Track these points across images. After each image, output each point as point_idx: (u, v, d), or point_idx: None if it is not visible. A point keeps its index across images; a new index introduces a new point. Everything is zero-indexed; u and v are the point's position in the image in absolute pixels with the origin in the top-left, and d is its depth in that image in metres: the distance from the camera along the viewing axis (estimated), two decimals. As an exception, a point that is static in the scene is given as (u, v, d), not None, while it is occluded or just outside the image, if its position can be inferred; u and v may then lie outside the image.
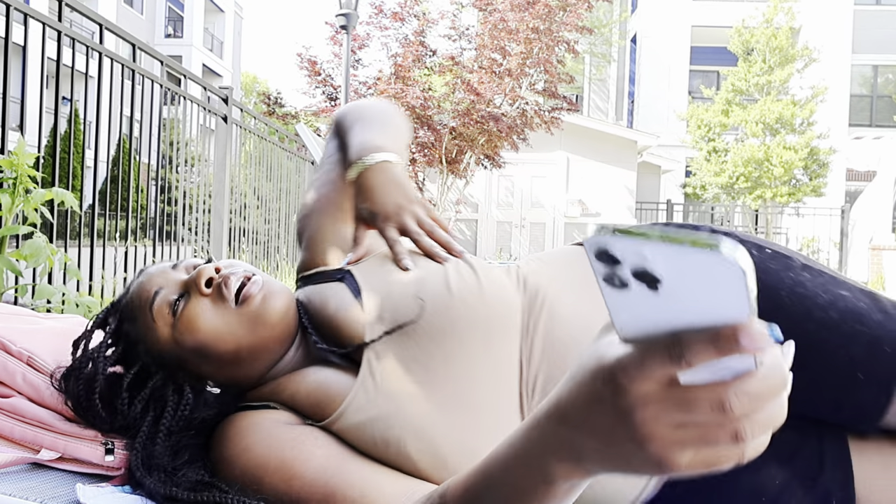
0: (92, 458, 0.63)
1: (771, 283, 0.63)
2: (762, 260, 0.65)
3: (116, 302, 0.71)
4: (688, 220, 11.76)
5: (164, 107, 2.85)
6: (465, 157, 8.16)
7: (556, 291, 0.66)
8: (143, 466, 0.59)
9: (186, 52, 20.63)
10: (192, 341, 0.64)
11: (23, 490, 0.58)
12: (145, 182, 2.91)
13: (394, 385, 0.59)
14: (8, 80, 1.83)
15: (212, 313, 0.64)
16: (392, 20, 8.25)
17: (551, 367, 0.61)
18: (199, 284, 0.65)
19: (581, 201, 10.14)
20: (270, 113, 8.77)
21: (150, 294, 0.66)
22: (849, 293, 0.63)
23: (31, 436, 0.64)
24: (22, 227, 1.42)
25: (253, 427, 0.61)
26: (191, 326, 0.64)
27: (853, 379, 0.60)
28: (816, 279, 0.64)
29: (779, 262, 0.65)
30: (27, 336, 0.72)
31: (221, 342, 0.64)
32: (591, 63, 14.63)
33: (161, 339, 0.65)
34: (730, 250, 0.24)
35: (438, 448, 0.56)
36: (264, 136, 4.32)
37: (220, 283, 0.65)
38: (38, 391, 0.67)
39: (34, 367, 0.68)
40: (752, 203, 10.40)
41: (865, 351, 0.59)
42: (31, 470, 0.63)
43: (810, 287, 0.63)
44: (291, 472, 0.56)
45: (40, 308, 1.58)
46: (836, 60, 12.01)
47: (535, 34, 7.61)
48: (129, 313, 0.68)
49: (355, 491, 0.54)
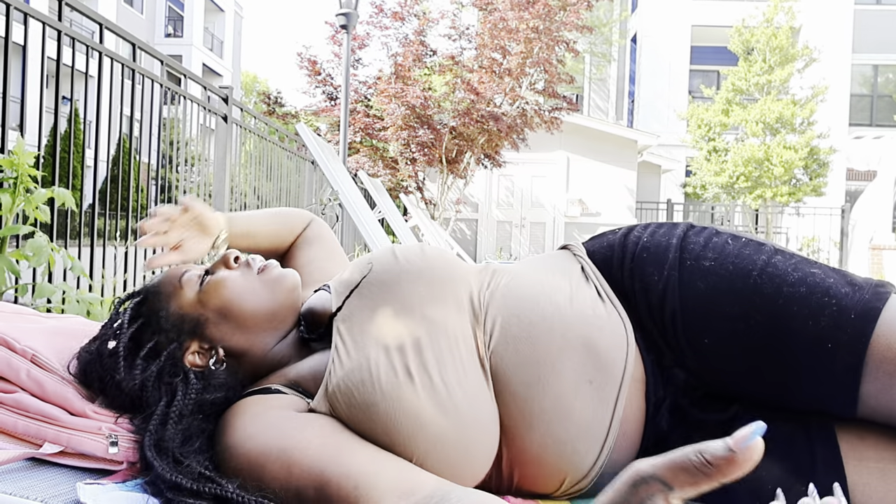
0: (95, 452, 0.63)
1: (743, 265, 0.67)
2: (736, 247, 0.69)
3: (142, 288, 0.77)
4: (688, 219, 11.77)
5: (164, 106, 2.86)
6: (466, 156, 8.16)
7: (516, 267, 0.76)
8: (154, 448, 0.61)
9: (186, 52, 20.63)
10: (216, 300, 0.72)
11: (23, 489, 0.58)
12: (145, 182, 2.91)
13: (358, 337, 0.66)
14: (8, 80, 1.83)
15: (238, 277, 0.74)
16: (392, 20, 8.25)
17: (509, 314, 0.67)
18: (227, 260, 0.76)
19: (581, 201, 10.15)
20: (270, 112, 8.78)
21: (178, 273, 0.75)
22: (819, 270, 0.65)
23: (34, 430, 0.65)
24: (23, 227, 1.42)
25: (256, 416, 0.63)
26: (217, 287, 0.73)
27: (824, 349, 0.61)
28: (788, 261, 0.67)
29: (751, 247, 0.69)
30: (31, 334, 0.72)
31: (244, 301, 0.72)
32: (592, 62, 14.63)
33: (185, 302, 0.72)
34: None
35: (401, 381, 0.61)
36: (264, 136, 4.32)
37: (247, 259, 0.76)
38: (41, 387, 0.67)
39: (38, 363, 0.69)
40: (752, 203, 10.40)
41: (832, 321, 0.61)
42: (31, 468, 0.63)
43: (781, 266, 0.66)
44: (291, 460, 0.58)
45: (41, 307, 1.59)
46: (836, 60, 12.01)
47: (535, 34, 7.61)
48: (154, 288, 0.75)
49: (350, 482, 0.55)
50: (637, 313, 0.70)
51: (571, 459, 0.64)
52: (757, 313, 0.64)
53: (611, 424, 0.65)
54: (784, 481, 0.60)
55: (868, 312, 0.61)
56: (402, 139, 7.66)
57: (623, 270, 0.73)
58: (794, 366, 0.63)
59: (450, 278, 0.71)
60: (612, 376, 0.65)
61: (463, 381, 0.63)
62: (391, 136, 7.68)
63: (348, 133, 6.87)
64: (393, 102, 7.49)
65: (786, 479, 0.60)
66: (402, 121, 7.54)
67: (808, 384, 0.63)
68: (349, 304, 0.70)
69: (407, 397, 0.60)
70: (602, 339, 0.66)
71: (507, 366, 0.65)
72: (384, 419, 0.60)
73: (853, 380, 0.60)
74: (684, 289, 0.68)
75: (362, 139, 8.31)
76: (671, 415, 0.68)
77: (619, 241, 0.76)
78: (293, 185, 5.06)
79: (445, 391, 0.61)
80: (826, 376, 0.62)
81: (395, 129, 7.59)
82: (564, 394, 0.64)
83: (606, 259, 0.75)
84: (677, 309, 0.68)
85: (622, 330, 0.68)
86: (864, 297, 0.62)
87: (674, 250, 0.71)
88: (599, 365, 0.65)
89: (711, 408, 0.68)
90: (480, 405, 0.63)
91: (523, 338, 0.66)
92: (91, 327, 0.83)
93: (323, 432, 0.60)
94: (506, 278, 0.72)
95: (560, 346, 0.65)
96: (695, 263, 0.69)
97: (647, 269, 0.71)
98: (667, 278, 0.69)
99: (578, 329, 0.66)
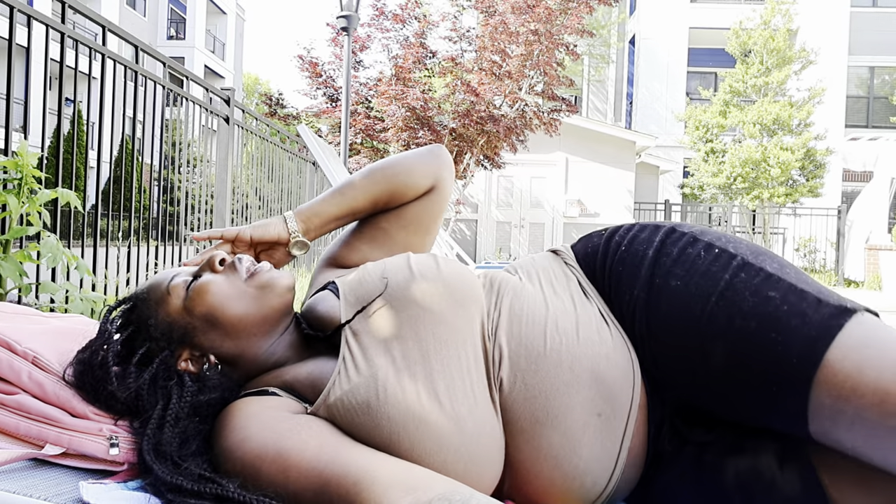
0: (96, 453, 0.63)
1: (705, 287, 0.63)
2: (706, 261, 0.66)
3: (132, 294, 0.75)
4: (686, 220, 11.78)
5: (166, 108, 2.87)
6: (465, 157, 8.18)
7: (518, 281, 0.73)
8: (153, 452, 0.61)
9: (189, 54, 20.63)
10: (202, 307, 0.69)
11: (26, 487, 0.58)
12: (148, 182, 2.92)
13: (368, 353, 0.64)
14: (12, 82, 1.86)
15: (224, 284, 0.71)
16: (393, 22, 8.27)
17: (516, 345, 0.66)
18: (212, 263, 0.72)
19: (580, 201, 10.17)
20: (272, 114, 8.79)
21: (166, 278, 0.73)
22: (776, 294, 0.61)
23: (35, 431, 0.65)
24: (30, 228, 1.44)
25: (252, 417, 0.62)
26: (202, 293, 0.70)
27: (770, 391, 0.58)
28: (750, 280, 0.62)
29: (721, 262, 0.65)
30: (33, 335, 0.73)
31: (230, 308, 0.70)
32: (590, 64, 14.66)
33: (172, 310, 0.70)
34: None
35: (410, 404, 0.60)
36: (266, 137, 4.34)
37: (232, 265, 0.73)
38: (42, 389, 0.67)
39: (39, 365, 0.69)
40: (749, 203, 10.42)
41: (776, 363, 0.58)
42: (34, 467, 0.63)
43: (739, 289, 0.62)
44: (287, 463, 0.57)
45: (44, 307, 1.61)
46: (832, 62, 12.03)
47: (536, 37, 7.64)
48: (143, 295, 0.73)
49: (349, 479, 0.55)
50: (630, 332, 0.68)
51: (579, 493, 0.63)
52: (711, 344, 0.61)
53: (619, 456, 0.64)
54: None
55: (811, 355, 0.56)
56: (402, 140, 7.68)
57: (605, 281, 0.72)
58: (751, 399, 0.60)
59: (463, 299, 0.68)
60: (620, 407, 0.64)
61: (474, 411, 0.61)
62: (392, 137, 7.70)
63: (349, 134, 6.89)
64: (393, 104, 7.51)
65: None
66: (402, 122, 7.56)
67: (766, 418, 0.61)
68: (361, 317, 0.68)
69: (414, 425, 0.59)
70: (609, 369, 0.65)
71: (515, 400, 0.63)
72: (387, 441, 0.59)
73: (801, 421, 0.57)
74: (650, 313, 0.66)
75: (363, 140, 8.33)
76: (670, 436, 0.68)
77: (602, 248, 0.74)
78: (294, 186, 5.08)
79: (455, 421, 0.60)
80: (777, 415, 0.59)
81: (396, 131, 7.61)
82: (573, 428, 0.62)
83: (590, 267, 0.74)
84: (645, 335, 0.66)
85: (627, 356, 0.67)
86: (811, 334, 0.57)
87: (646, 266, 0.68)
88: (608, 396, 0.64)
89: (699, 426, 0.67)
90: (489, 436, 0.61)
91: (531, 371, 0.64)
92: (93, 327, 0.82)
93: (321, 434, 0.59)
94: (509, 297, 0.70)
95: (568, 379, 0.63)
96: (662, 282, 0.66)
97: (621, 286, 0.69)
98: (635, 300, 0.67)
99: (586, 361, 0.64)
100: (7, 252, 1.45)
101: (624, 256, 0.71)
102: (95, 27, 2.24)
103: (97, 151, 2.28)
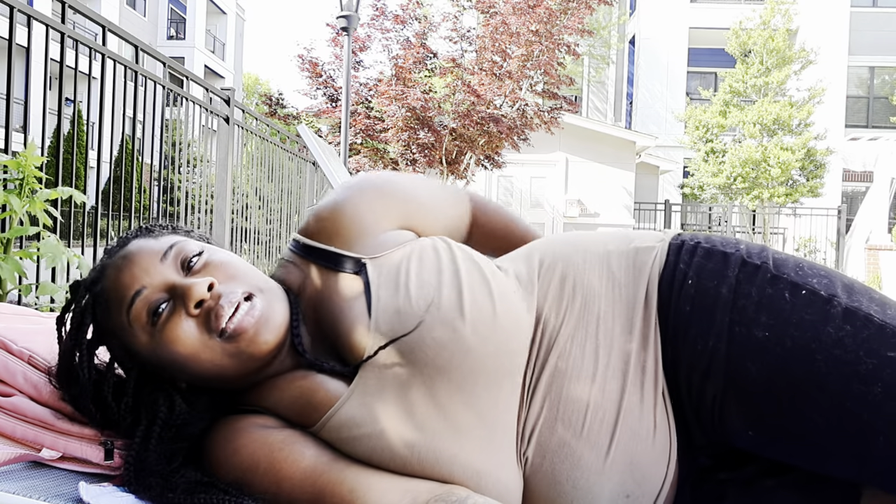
0: (92, 458, 0.63)
1: (805, 341, 0.54)
2: (797, 307, 0.55)
3: (90, 283, 0.64)
4: (686, 220, 11.80)
5: (166, 108, 2.88)
6: (466, 157, 8.18)
7: (565, 337, 0.61)
8: (137, 473, 0.59)
9: (189, 54, 20.63)
10: (169, 356, 0.60)
11: (26, 488, 0.58)
12: (148, 182, 2.92)
13: (383, 406, 0.57)
14: (12, 82, 1.86)
15: (196, 338, 0.59)
16: (393, 22, 8.28)
17: (552, 419, 0.58)
18: (187, 305, 0.59)
19: (580, 201, 10.17)
20: (272, 114, 8.79)
21: (129, 292, 0.60)
22: (894, 354, 0.51)
23: (32, 435, 0.64)
24: (31, 228, 1.43)
25: (242, 430, 0.61)
26: (171, 342, 0.59)
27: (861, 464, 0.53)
28: (859, 334, 0.53)
29: (815, 308, 0.55)
30: (28, 335, 0.72)
31: (201, 366, 0.60)
32: (590, 64, 14.67)
33: (137, 343, 0.61)
34: None
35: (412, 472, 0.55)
36: (266, 137, 4.35)
37: (208, 312, 0.60)
38: (38, 390, 0.67)
39: (35, 366, 0.68)
40: (749, 203, 10.43)
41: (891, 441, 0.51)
42: (33, 468, 0.63)
43: (851, 348, 0.52)
44: (280, 475, 0.56)
45: (44, 307, 1.60)
46: (832, 62, 12.04)
47: (536, 37, 7.64)
48: (103, 303, 0.62)
49: (344, 488, 0.54)
50: (677, 384, 0.59)
51: None
52: (815, 413, 0.53)
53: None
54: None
55: None
56: (402, 140, 7.68)
57: (668, 321, 0.60)
58: (840, 453, 0.54)
59: (511, 352, 0.59)
60: (650, 489, 0.58)
61: (493, 489, 0.56)
62: (392, 137, 7.70)
63: (349, 134, 6.89)
64: (393, 104, 7.51)
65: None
66: (402, 122, 7.56)
67: (835, 467, 0.56)
68: (386, 355, 0.59)
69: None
70: (646, 454, 0.58)
71: (538, 481, 0.57)
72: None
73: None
74: (732, 369, 0.56)
75: (363, 140, 8.33)
76: (693, 485, 0.62)
77: (667, 276, 0.62)
78: (294, 186, 5.08)
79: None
80: (862, 470, 0.54)
81: (396, 131, 7.61)
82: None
83: (662, 298, 0.61)
84: (719, 395, 0.57)
85: (667, 440, 0.59)
86: None
87: (722, 309, 0.57)
88: (640, 479, 0.58)
89: (727, 466, 0.62)
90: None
91: (561, 457, 0.57)
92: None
93: (315, 445, 0.58)
94: (555, 357, 0.60)
95: (599, 469, 0.57)
96: (746, 332, 0.56)
97: (690, 330, 0.58)
98: (712, 351, 0.57)
99: (624, 449, 0.57)
100: (8, 252, 1.45)
101: (692, 293, 0.60)
102: (95, 27, 2.24)
103: (97, 151, 2.28)
